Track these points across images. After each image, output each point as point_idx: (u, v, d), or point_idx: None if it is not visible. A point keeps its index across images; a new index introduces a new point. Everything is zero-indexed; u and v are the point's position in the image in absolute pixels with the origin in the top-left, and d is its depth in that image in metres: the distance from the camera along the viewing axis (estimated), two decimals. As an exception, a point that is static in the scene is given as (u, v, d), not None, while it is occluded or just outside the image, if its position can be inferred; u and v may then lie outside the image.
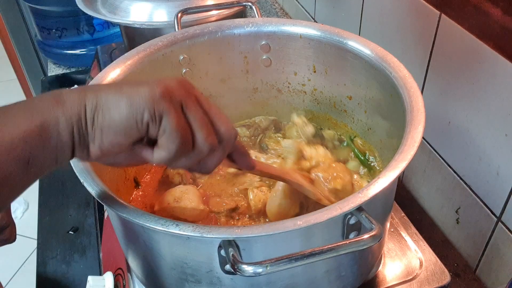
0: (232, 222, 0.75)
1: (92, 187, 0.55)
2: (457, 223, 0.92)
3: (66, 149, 0.45)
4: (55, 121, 0.44)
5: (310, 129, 0.87)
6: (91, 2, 1.14)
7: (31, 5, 1.51)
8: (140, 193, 0.82)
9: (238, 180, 0.82)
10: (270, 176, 0.69)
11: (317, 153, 0.78)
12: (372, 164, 0.83)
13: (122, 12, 1.08)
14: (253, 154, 0.85)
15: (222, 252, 0.52)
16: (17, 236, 0.77)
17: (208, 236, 0.49)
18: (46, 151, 0.44)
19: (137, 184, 0.82)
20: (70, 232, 1.00)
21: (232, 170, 0.83)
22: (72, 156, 0.47)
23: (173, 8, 1.06)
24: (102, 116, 0.45)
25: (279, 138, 0.89)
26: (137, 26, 1.04)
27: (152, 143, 0.48)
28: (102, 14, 1.08)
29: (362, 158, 0.84)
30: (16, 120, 0.43)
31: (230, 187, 0.81)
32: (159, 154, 0.48)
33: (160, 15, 1.06)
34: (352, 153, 0.86)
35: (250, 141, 0.91)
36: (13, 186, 0.44)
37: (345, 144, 0.88)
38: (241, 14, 1.10)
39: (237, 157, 0.58)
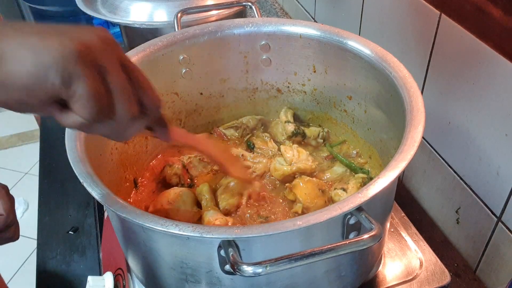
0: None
1: (92, 188, 0.55)
2: (457, 223, 0.92)
3: None
4: None
5: (290, 127, 0.88)
6: (91, 2, 1.14)
7: (31, 5, 1.51)
8: (138, 193, 0.82)
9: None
10: (188, 147, 0.70)
11: (298, 158, 0.79)
12: (362, 168, 0.83)
13: (122, 12, 1.08)
14: (240, 152, 0.85)
15: (222, 252, 0.52)
16: (19, 235, 0.77)
17: (208, 236, 0.49)
18: None
19: (136, 185, 0.82)
20: (70, 232, 1.00)
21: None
22: None
23: (173, 8, 1.06)
24: (2, 68, 0.39)
25: (266, 138, 0.89)
26: (137, 26, 1.04)
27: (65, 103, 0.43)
28: (102, 14, 1.08)
29: (346, 162, 0.84)
30: None
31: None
32: (72, 118, 0.43)
33: (160, 15, 1.06)
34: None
35: (239, 141, 0.91)
36: None
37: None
38: (241, 14, 1.10)
39: (156, 127, 0.56)
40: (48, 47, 0.39)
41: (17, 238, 0.72)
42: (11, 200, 0.70)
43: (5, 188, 0.70)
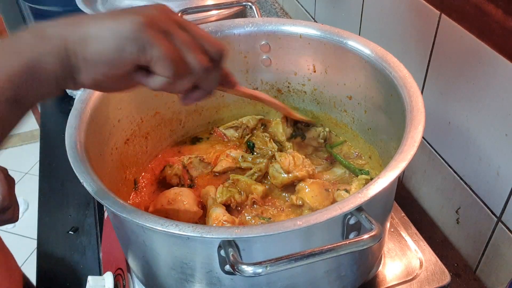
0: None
1: (92, 188, 0.55)
2: (457, 223, 0.92)
3: (52, 83, 0.46)
4: (40, 59, 0.45)
5: (289, 130, 0.88)
6: (91, 2, 1.14)
7: (31, 5, 1.51)
8: (138, 194, 0.82)
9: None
10: (248, 96, 0.78)
11: (295, 166, 0.78)
12: (361, 170, 0.83)
13: None
14: (239, 153, 0.85)
15: (222, 252, 0.52)
16: (17, 236, 0.77)
17: (208, 236, 0.49)
18: (33, 88, 0.45)
19: (136, 185, 0.82)
20: (70, 232, 1.00)
21: (219, 168, 0.84)
22: (59, 89, 0.48)
23: (173, 8, 1.06)
24: (86, 49, 0.46)
25: (266, 138, 0.89)
26: None
27: (148, 70, 0.49)
28: None
29: (346, 163, 0.84)
30: (1, 63, 0.44)
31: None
32: (156, 80, 0.49)
33: None
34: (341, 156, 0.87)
35: (239, 142, 0.91)
36: (2, 126, 0.46)
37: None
38: (241, 14, 1.10)
39: (223, 77, 0.61)
40: (122, 25, 0.46)
41: (16, 220, 0.73)
42: (9, 183, 0.70)
43: (4, 171, 0.70)
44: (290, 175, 0.78)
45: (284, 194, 0.79)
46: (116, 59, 0.46)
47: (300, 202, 0.74)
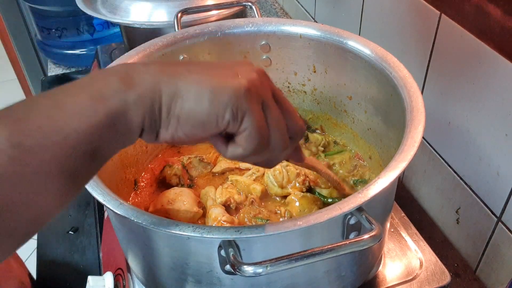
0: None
1: (92, 187, 0.55)
2: (457, 223, 0.92)
3: (134, 135, 0.42)
4: (125, 108, 0.40)
5: None
6: (91, 2, 1.14)
7: (31, 5, 1.51)
8: (138, 194, 0.82)
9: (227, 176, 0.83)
10: (311, 169, 0.72)
11: (288, 181, 0.78)
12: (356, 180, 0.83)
13: (122, 12, 1.08)
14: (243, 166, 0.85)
15: (222, 252, 0.52)
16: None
17: (208, 236, 0.49)
18: (113, 140, 0.41)
19: (136, 185, 0.82)
20: (70, 232, 1.00)
21: (218, 169, 0.84)
22: (135, 140, 0.44)
23: (173, 8, 1.06)
24: (180, 106, 0.42)
25: None
26: (137, 26, 1.04)
27: (228, 136, 0.46)
28: (102, 14, 1.08)
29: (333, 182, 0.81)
30: (80, 110, 0.38)
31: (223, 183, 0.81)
32: (234, 150, 0.46)
33: (160, 15, 1.06)
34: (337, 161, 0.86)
35: None
36: (78, 180, 0.40)
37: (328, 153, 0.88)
38: (241, 14, 1.10)
39: (294, 154, 0.57)
40: (225, 88, 0.42)
41: None
42: None
43: None
44: (285, 191, 0.77)
45: (279, 199, 0.79)
46: (207, 123, 0.42)
47: (288, 215, 0.74)
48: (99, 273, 0.90)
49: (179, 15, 0.89)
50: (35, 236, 0.99)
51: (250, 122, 0.43)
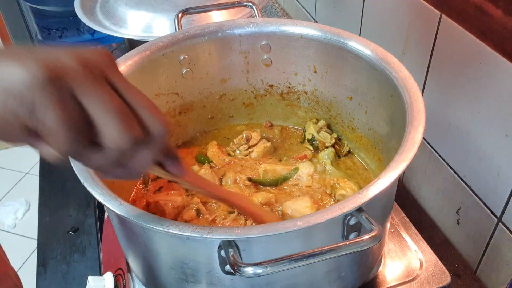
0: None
1: (92, 187, 0.55)
2: (458, 223, 0.92)
3: None
4: None
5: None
6: (90, 8, 1.13)
7: (31, 5, 1.51)
8: (139, 193, 0.82)
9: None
10: (205, 193, 0.60)
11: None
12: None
13: (121, 22, 1.08)
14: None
15: (222, 252, 0.52)
16: (17, 236, 0.76)
17: (208, 236, 0.49)
18: None
19: (146, 185, 0.82)
20: (70, 232, 1.00)
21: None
22: None
23: (173, 9, 1.06)
24: None
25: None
26: (140, 39, 1.02)
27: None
28: (103, 25, 1.07)
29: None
30: None
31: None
32: (48, 152, 0.38)
33: (161, 23, 1.05)
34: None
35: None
36: None
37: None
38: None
39: (166, 160, 0.48)
40: (10, 73, 0.34)
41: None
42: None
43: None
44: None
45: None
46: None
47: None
48: (99, 273, 0.90)
49: (180, 15, 0.89)
50: (35, 236, 0.99)
51: (50, 116, 0.35)
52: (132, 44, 1.13)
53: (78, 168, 0.57)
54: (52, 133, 0.36)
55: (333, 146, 0.87)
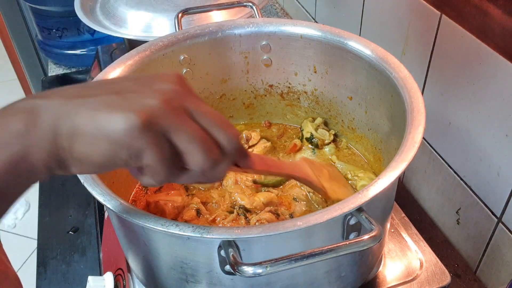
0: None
1: (92, 187, 0.55)
2: (458, 223, 0.92)
3: (40, 175, 0.42)
4: (25, 152, 0.39)
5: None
6: (90, 8, 1.13)
7: (31, 5, 1.51)
8: (138, 194, 0.82)
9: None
10: (277, 174, 0.65)
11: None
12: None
13: (121, 22, 1.08)
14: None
15: (222, 252, 0.52)
16: (17, 236, 0.76)
17: (208, 236, 0.49)
18: (20, 180, 0.41)
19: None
20: (70, 232, 1.00)
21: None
22: (50, 174, 0.43)
23: (174, 11, 1.06)
24: (78, 150, 0.40)
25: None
26: (140, 39, 1.02)
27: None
28: (103, 25, 1.07)
29: None
30: None
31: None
32: (147, 181, 0.44)
33: (161, 23, 1.05)
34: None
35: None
36: None
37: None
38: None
39: (240, 160, 0.53)
40: (113, 123, 0.40)
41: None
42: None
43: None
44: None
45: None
46: (105, 163, 0.41)
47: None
48: (99, 273, 0.90)
49: (180, 15, 0.89)
50: (35, 236, 0.99)
51: (150, 157, 0.41)
52: (132, 44, 1.13)
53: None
54: (151, 170, 0.42)
55: (331, 143, 0.88)
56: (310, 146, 0.88)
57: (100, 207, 1.02)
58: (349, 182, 0.80)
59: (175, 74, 0.46)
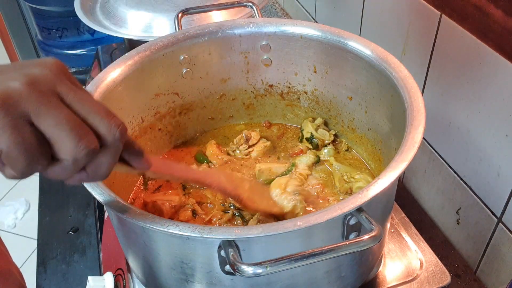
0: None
1: (92, 187, 0.55)
2: (458, 223, 0.92)
3: None
4: None
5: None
6: (90, 8, 1.13)
7: (31, 5, 1.51)
8: (139, 193, 0.82)
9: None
10: (184, 180, 0.61)
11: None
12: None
13: (121, 22, 1.08)
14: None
15: (222, 252, 0.52)
16: (17, 236, 0.76)
17: (208, 236, 0.49)
18: None
19: (146, 186, 0.82)
20: (70, 232, 1.00)
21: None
22: None
23: (173, 9, 1.06)
24: None
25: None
26: (140, 39, 1.03)
27: None
28: (103, 25, 1.07)
29: None
30: None
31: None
32: (9, 172, 0.40)
33: (161, 23, 1.05)
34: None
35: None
36: None
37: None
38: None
39: (129, 157, 0.49)
40: None
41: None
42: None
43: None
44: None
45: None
46: None
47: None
48: (99, 273, 0.90)
49: (180, 15, 0.89)
50: (35, 236, 0.99)
51: (4, 142, 0.37)
52: (132, 44, 1.13)
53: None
54: (9, 158, 0.38)
55: (331, 143, 0.88)
56: (310, 146, 0.88)
57: (100, 207, 1.02)
58: (345, 184, 0.80)
59: (54, 60, 0.43)
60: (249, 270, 0.47)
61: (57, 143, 0.39)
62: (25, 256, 2.16)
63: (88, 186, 0.55)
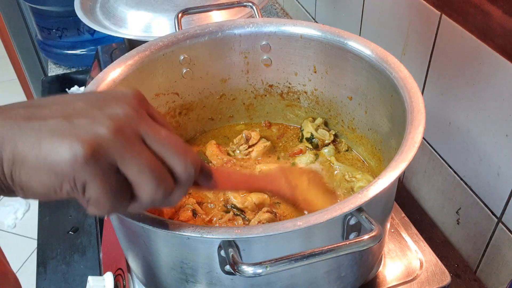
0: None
1: (92, 187, 0.55)
2: (458, 223, 0.92)
3: None
4: None
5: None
6: (90, 8, 1.14)
7: (31, 5, 1.51)
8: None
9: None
10: (246, 190, 0.62)
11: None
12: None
13: (121, 22, 1.08)
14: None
15: (222, 252, 0.52)
16: (17, 236, 0.76)
17: (208, 236, 0.49)
18: None
19: None
20: (70, 232, 1.00)
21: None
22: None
23: (173, 10, 1.06)
24: (19, 178, 0.38)
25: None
26: (139, 39, 1.03)
27: None
28: (103, 25, 1.07)
29: None
30: None
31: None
32: (92, 210, 0.41)
33: (161, 23, 1.05)
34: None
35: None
36: None
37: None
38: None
39: (199, 178, 0.50)
40: (56, 154, 0.37)
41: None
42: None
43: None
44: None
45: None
46: (47, 194, 0.39)
47: None
48: (99, 273, 0.90)
49: (180, 15, 0.89)
50: (35, 236, 0.99)
51: (94, 191, 0.39)
52: (132, 44, 1.13)
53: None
54: (96, 203, 0.40)
55: (331, 143, 0.88)
56: (310, 146, 0.88)
57: (100, 207, 1.02)
58: (347, 184, 0.80)
59: (132, 93, 0.44)
60: (249, 270, 0.47)
61: (138, 186, 0.41)
62: (25, 256, 2.16)
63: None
